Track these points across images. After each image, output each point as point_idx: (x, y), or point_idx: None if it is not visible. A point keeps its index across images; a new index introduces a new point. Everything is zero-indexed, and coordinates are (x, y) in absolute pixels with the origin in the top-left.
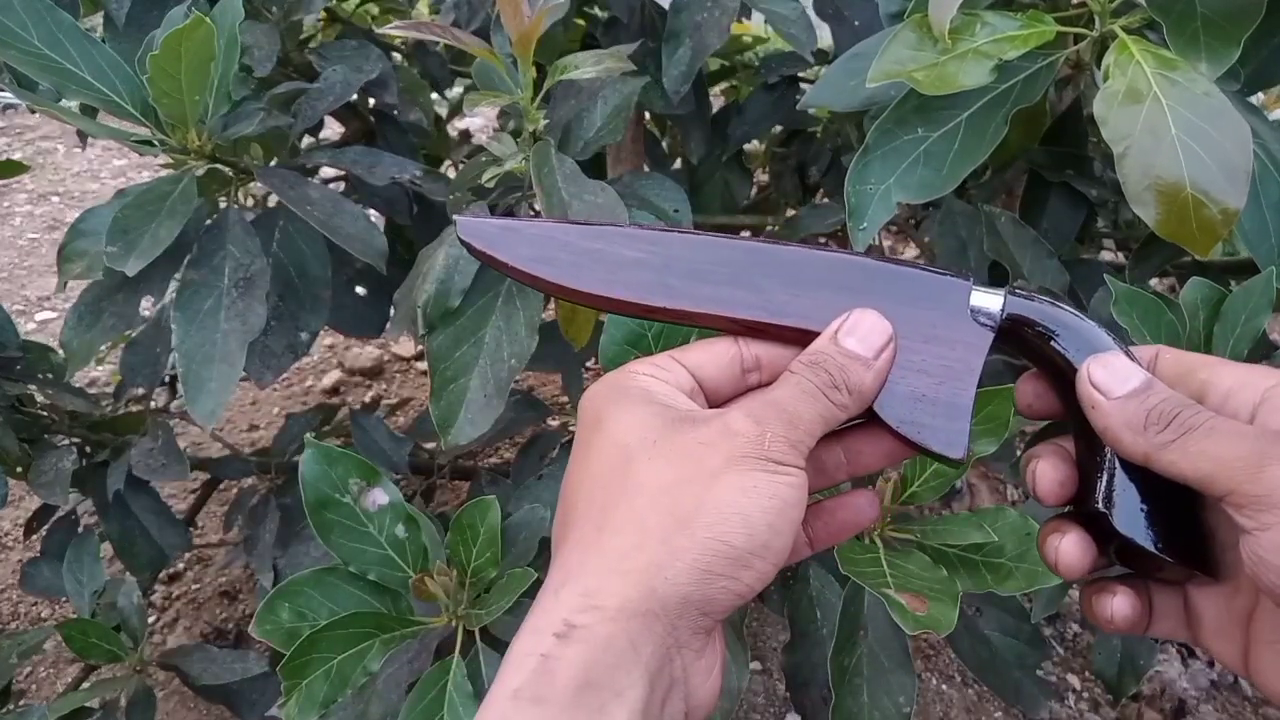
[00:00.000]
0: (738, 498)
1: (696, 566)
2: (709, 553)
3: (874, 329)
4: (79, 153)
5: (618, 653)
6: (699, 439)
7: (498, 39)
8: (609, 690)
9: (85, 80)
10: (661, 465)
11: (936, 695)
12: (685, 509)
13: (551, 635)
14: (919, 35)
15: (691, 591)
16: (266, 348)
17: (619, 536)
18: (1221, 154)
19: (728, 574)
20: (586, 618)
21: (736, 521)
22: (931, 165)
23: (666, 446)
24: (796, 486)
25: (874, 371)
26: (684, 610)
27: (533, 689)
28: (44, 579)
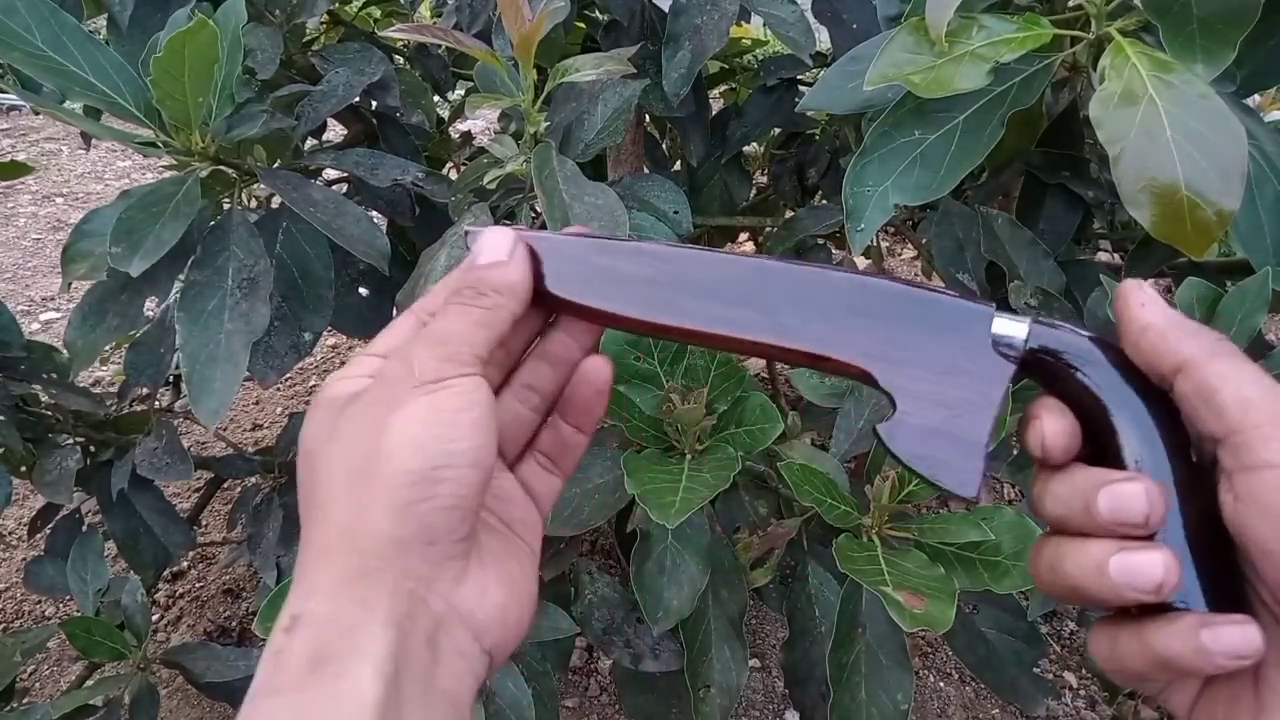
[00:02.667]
0: (402, 430)
1: (387, 506)
2: (393, 488)
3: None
4: (83, 154)
5: (345, 620)
6: (361, 404)
7: (499, 42)
8: (343, 656)
9: (89, 82)
10: (336, 447)
11: (934, 692)
12: (361, 467)
13: (280, 632)
14: (916, 38)
15: (396, 531)
16: (270, 348)
17: (317, 525)
18: (1217, 156)
19: (422, 496)
20: (308, 605)
21: (406, 449)
22: (928, 167)
23: (338, 429)
24: (462, 393)
25: (512, 266)
26: (403, 550)
27: (268, 684)
28: (48, 577)
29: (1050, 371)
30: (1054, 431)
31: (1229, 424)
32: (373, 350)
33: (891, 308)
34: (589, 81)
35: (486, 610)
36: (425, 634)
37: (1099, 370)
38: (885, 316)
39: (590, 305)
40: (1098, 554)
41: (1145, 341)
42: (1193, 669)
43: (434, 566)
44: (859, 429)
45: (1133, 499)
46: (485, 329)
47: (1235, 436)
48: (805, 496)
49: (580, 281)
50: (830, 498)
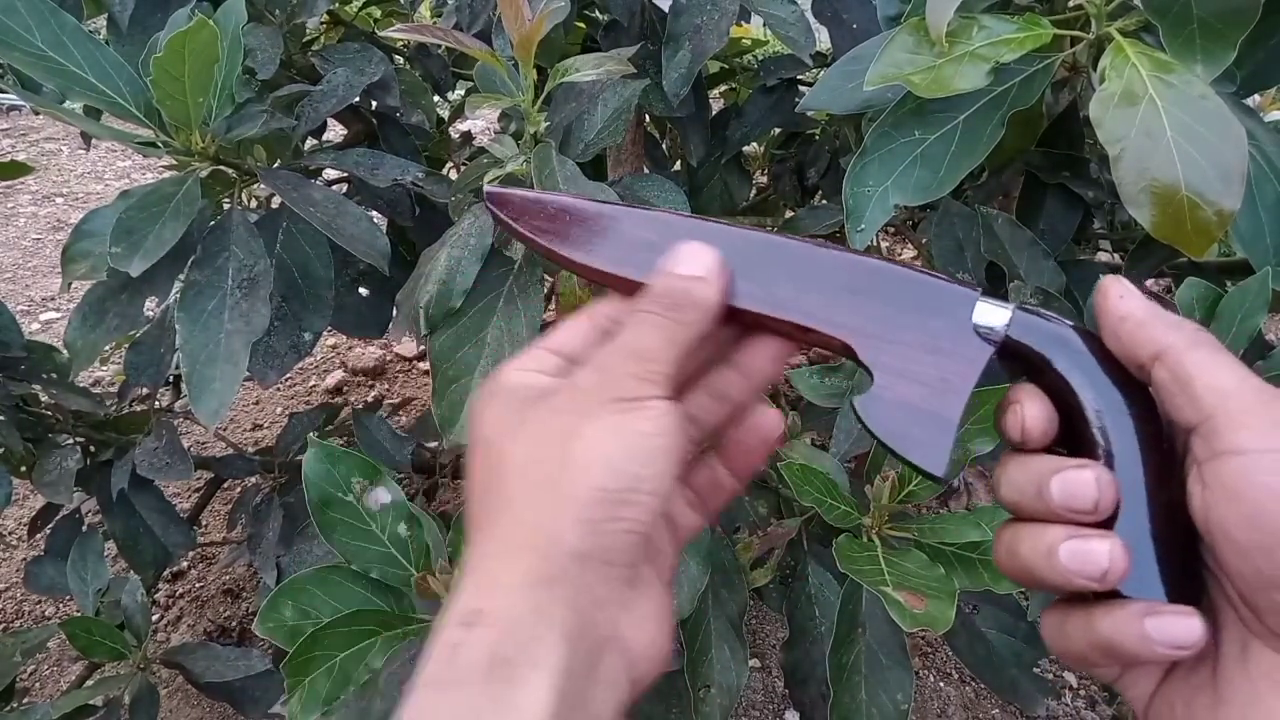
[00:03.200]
0: (595, 444)
1: (575, 519)
2: (581, 502)
3: (697, 251)
4: (83, 154)
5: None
6: (551, 407)
7: (499, 42)
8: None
9: (89, 82)
10: (522, 444)
11: (934, 692)
12: (551, 474)
13: (458, 625)
14: (916, 38)
15: (579, 545)
16: (270, 348)
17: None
18: (1217, 156)
19: (609, 516)
20: (487, 602)
21: (599, 465)
22: (929, 167)
23: (524, 426)
24: (656, 417)
25: (711, 285)
26: (582, 566)
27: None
28: (48, 577)
29: (1029, 358)
30: (1032, 417)
31: (1202, 411)
32: (549, 345)
33: (879, 286)
34: (589, 81)
35: (641, 641)
36: (590, 655)
37: (1076, 358)
38: (873, 294)
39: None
40: (1050, 539)
41: (1123, 331)
42: (1134, 656)
43: (608, 588)
44: (859, 429)
45: (1083, 486)
46: (674, 348)
47: (1207, 424)
48: (805, 496)
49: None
50: (830, 498)
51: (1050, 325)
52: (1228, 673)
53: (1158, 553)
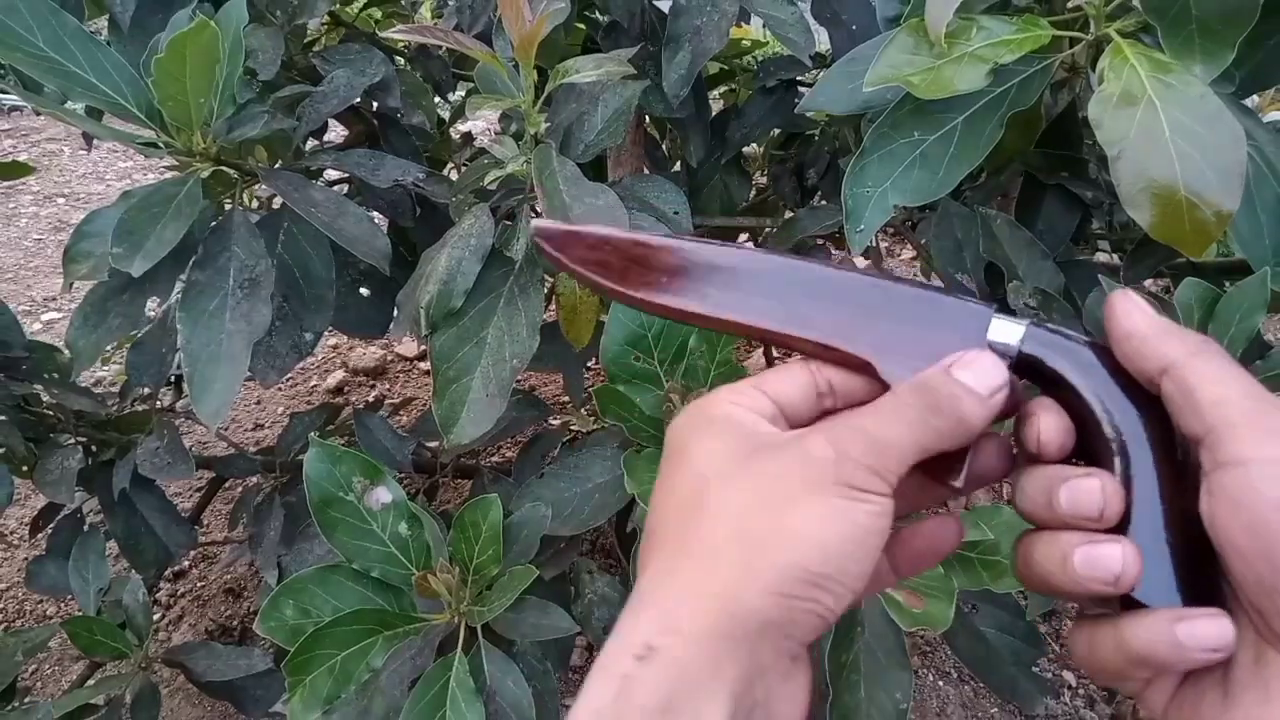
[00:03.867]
0: (813, 523)
1: (772, 590)
2: (785, 576)
3: (991, 368)
4: (84, 155)
5: (697, 674)
6: (776, 464)
7: (499, 43)
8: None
9: (90, 83)
10: (738, 492)
11: (933, 691)
12: (760, 534)
13: (632, 657)
14: (915, 39)
15: (768, 614)
16: (271, 348)
17: (696, 561)
18: (1215, 156)
19: (805, 596)
20: (666, 640)
21: (811, 546)
22: (928, 168)
23: (743, 473)
24: (876, 514)
25: (986, 407)
26: (763, 633)
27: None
28: (49, 577)
29: (1044, 372)
30: (1049, 428)
31: (1205, 422)
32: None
33: (897, 305)
34: (589, 82)
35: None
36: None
37: (1089, 371)
38: (891, 313)
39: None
40: (1064, 546)
41: (1131, 347)
42: (1168, 664)
43: (776, 659)
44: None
45: (1088, 494)
46: (916, 452)
47: (1210, 435)
48: None
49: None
50: None
51: (1064, 340)
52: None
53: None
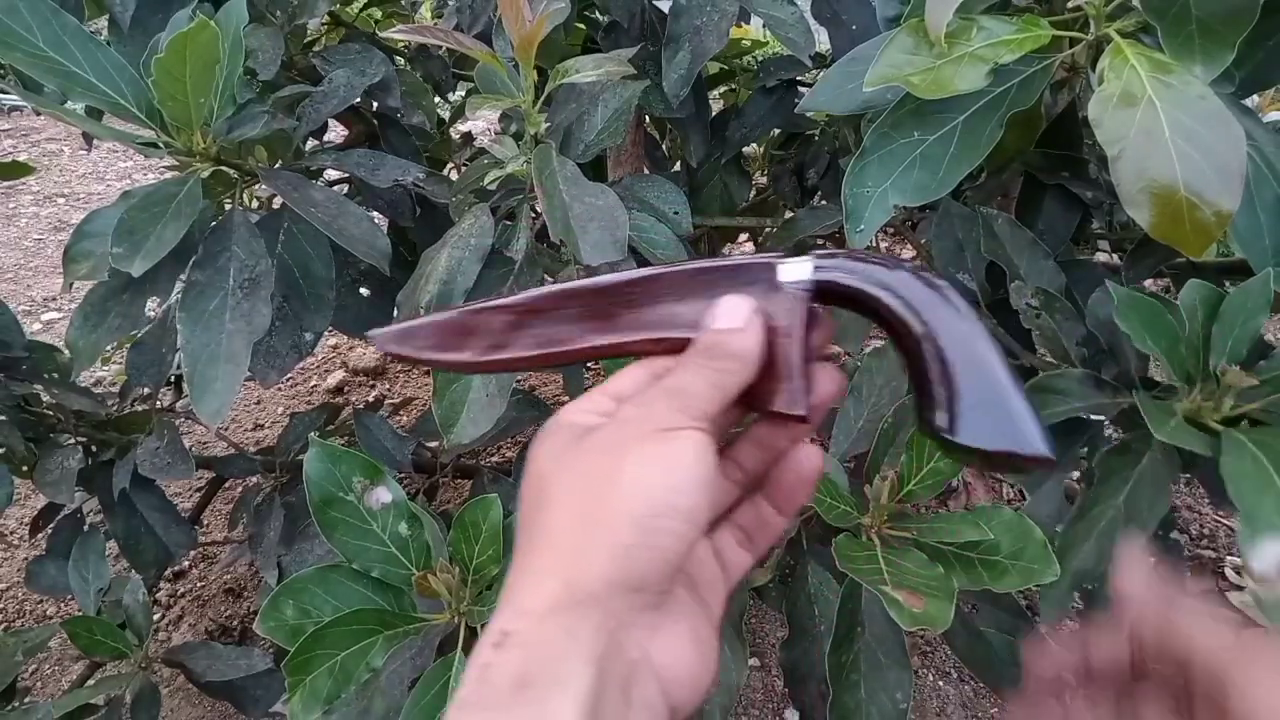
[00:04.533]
0: (633, 473)
1: (606, 544)
2: (614, 528)
3: (734, 305)
4: (84, 155)
5: (552, 648)
6: (596, 440)
7: (499, 43)
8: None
9: (90, 83)
10: (570, 476)
11: (933, 691)
12: (589, 503)
13: (490, 646)
14: (915, 39)
15: (609, 570)
16: (271, 348)
17: (540, 549)
18: (1215, 156)
19: (640, 543)
20: (517, 624)
21: (633, 492)
22: (928, 168)
23: (573, 459)
24: (689, 447)
25: (748, 335)
26: (611, 591)
27: (475, 696)
28: (49, 577)
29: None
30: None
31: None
32: (606, 390)
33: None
34: (589, 82)
35: (676, 666)
36: (621, 679)
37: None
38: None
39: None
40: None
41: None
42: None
43: (635, 613)
44: (858, 429)
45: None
46: (714, 391)
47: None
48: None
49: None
50: (830, 497)
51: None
52: None
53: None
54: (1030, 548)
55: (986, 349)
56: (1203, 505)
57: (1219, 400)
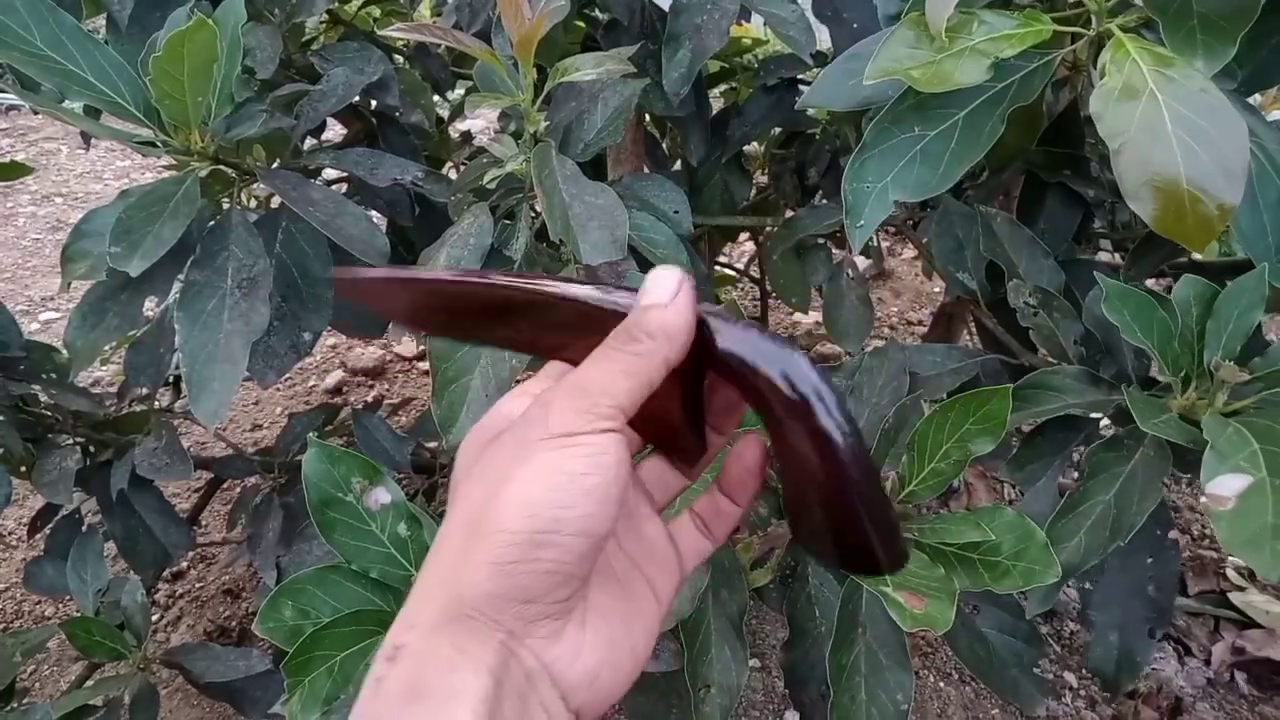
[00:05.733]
0: (518, 486)
1: (487, 562)
2: (495, 545)
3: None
4: (82, 154)
5: (442, 659)
6: (498, 446)
7: (499, 41)
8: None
9: (88, 81)
10: (472, 483)
11: (934, 692)
12: (475, 515)
13: (383, 660)
14: (916, 33)
15: (492, 587)
16: (269, 348)
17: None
18: (1218, 149)
19: (523, 559)
20: (406, 637)
21: (514, 508)
22: (928, 164)
23: (479, 464)
24: (588, 454)
25: (673, 309)
26: (498, 605)
27: (370, 710)
28: (48, 578)
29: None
30: None
31: None
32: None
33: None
34: (589, 81)
35: (576, 672)
36: (517, 687)
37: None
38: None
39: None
40: None
41: None
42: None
43: (527, 624)
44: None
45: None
46: (631, 378)
47: None
48: None
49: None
50: None
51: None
52: None
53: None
54: (1032, 549)
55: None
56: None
57: (1213, 396)
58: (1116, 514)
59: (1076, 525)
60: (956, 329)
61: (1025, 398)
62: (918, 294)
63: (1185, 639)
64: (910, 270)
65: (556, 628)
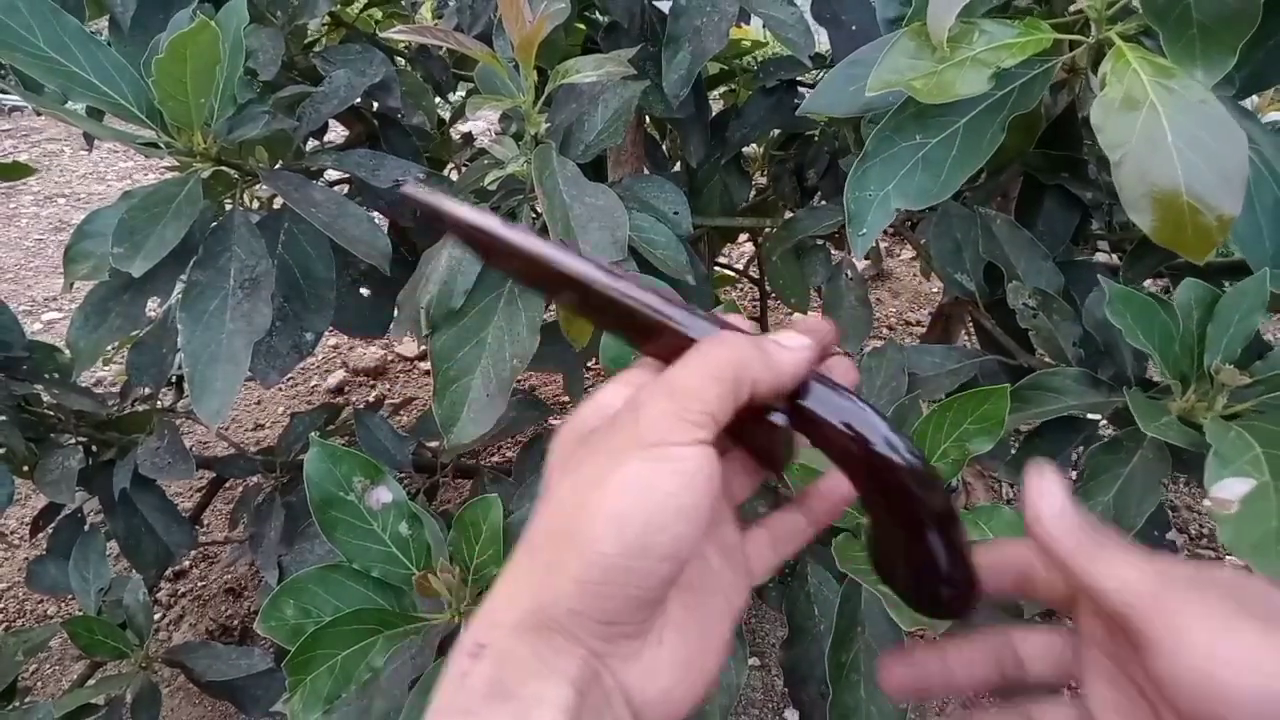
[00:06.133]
0: (611, 501)
1: (572, 579)
2: (582, 561)
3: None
4: (85, 155)
5: (523, 664)
6: (590, 448)
7: (500, 43)
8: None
9: (91, 83)
10: (564, 484)
11: None
12: (568, 523)
13: (466, 656)
14: (917, 44)
15: (576, 604)
16: (271, 348)
17: (521, 560)
18: (1218, 161)
19: (607, 581)
20: (490, 635)
21: (608, 528)
22: (930, 171)
23: (571, 461)
24: (681, 470)
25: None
26: (578, 623)
27: (453, 703)
28: (50, 577)
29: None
30: None
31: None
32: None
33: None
34: (589, 83)
35: (650, 693)
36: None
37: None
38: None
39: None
40: None
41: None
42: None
43: (607, 642)
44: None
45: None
46: (723, 387)
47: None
48: None
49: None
50: None
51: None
52: None
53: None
54: None
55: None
56: (1201, 505)
57: (1213, 399)
58: (1116, 515)
59: None
60: (955, 330)
61: (1024, 399)
62: (916, 295)
63: None
64: (909, 271)
65: (635, 648)
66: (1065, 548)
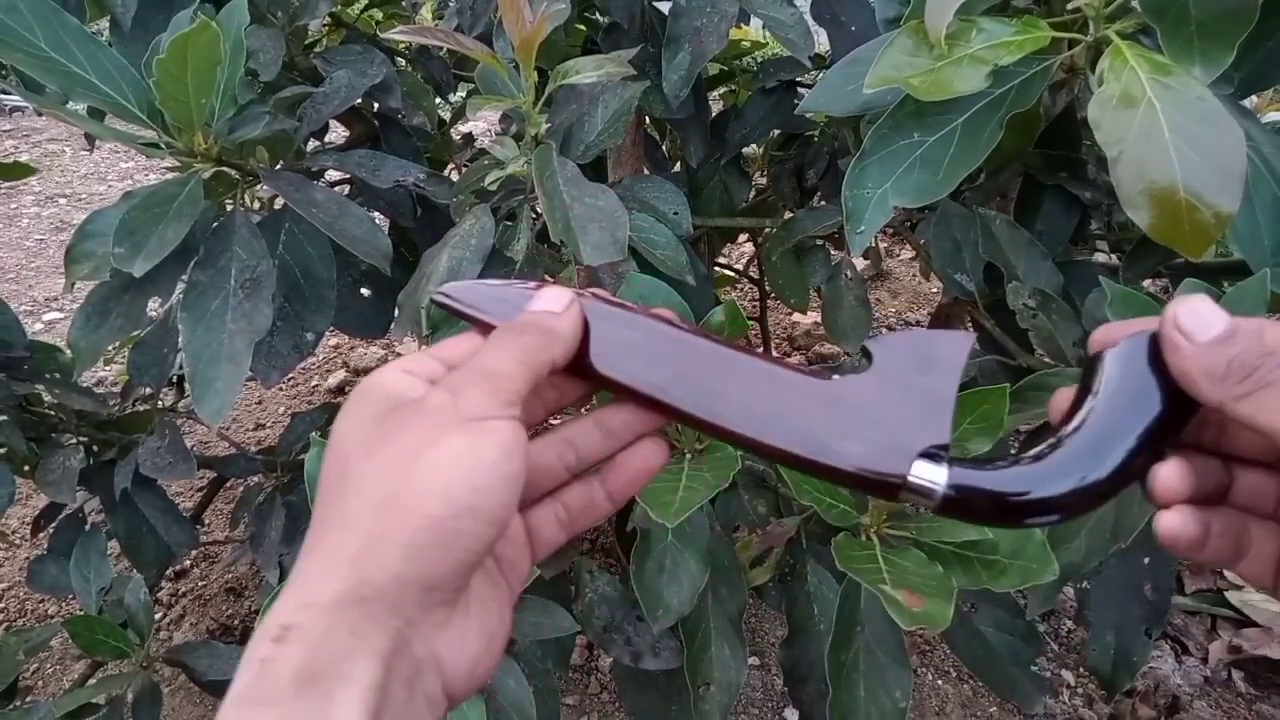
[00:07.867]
0: (436, 469)
1: (401, 544)
2: (410, 528)
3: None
4: (86, 155)
5: (337, 643)
6: (401, 423)
7: (500, 44)
8: (332, 678)
9: (91, 83)
10: (372, 459)
11: (932, 690)
12: (389, 493)
13: (269, 640)
14: (915, 41)
15: (402, 571)
16: (272, 348)
17: (336, 534)
18: (1215, 158)
19: (436, 544)
20: (301, 616)
21: (434, 490)
22: (928, 169)
23: (377, 440)
24: (499, 441)
25: (564, 317)
26: (401, 590)
27: (253, 692)
28: (51, 576)
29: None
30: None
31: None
32: (435, 351)
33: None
34: (589, 83)
35: (460, 662)
36: (406, 675)
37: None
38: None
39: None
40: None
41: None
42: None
43: (424, 611)
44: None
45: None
46: (525, 369)
47: None
48: (804, 495)
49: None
50: (829, 497)
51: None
52: None
53: None
54: (1029, 547)
55: None
56: None
57: None
58: (1118, 516)
59: (1078, 527)
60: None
61: (1024, 399)
62: (915, 295)
63: (1182, 637)
64: (908, 271)
65: (446, 616)
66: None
